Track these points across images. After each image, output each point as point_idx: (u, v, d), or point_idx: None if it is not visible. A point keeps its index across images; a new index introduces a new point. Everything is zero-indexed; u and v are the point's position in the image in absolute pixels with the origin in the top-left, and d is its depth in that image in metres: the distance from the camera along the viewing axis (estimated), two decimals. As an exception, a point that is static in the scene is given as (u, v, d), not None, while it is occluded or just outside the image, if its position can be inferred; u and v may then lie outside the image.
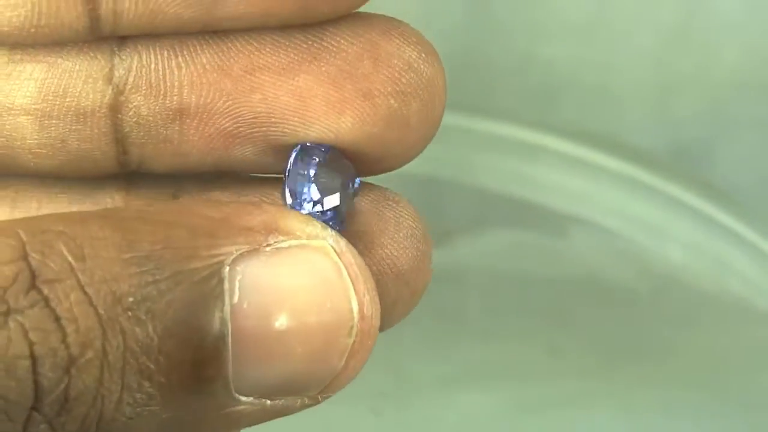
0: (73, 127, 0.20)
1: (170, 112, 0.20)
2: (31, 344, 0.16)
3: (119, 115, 0.20)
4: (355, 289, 0.18)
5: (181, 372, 0.17)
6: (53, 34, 0.19)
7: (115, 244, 0.17)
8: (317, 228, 0.18)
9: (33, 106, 0.20)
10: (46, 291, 0.16)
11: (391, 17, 0.20)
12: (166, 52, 0.19)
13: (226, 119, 0.20)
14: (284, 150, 0.20)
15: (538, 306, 0.45)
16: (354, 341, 0.18)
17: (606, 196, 0.47)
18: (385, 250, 0.20)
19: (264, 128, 0.20)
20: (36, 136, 0.20)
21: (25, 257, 0.16)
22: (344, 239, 0.18)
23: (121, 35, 0.19)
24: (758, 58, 0.49)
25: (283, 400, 0.18)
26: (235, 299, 0.17)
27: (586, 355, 0.43)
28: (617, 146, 0.48)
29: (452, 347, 0.39)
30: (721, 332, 0.44)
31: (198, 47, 0.19)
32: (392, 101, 0.19)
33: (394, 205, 0.20)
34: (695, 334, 0.45)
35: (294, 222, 0.18)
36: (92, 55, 0.20)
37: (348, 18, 0.19)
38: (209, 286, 0.17)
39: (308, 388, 0.18)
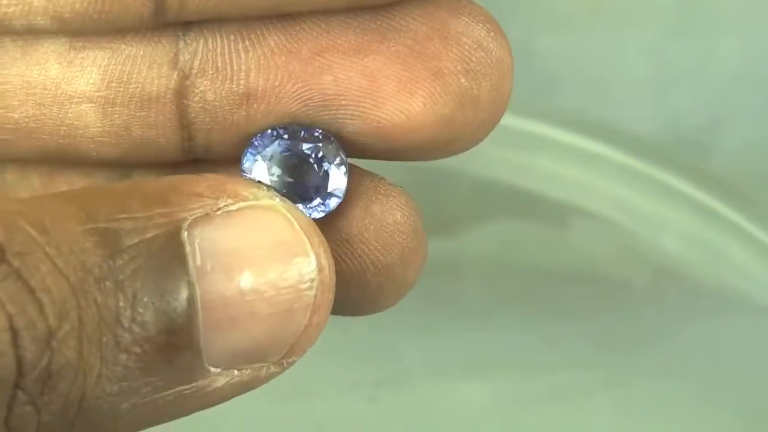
0: (138, 114, 0.20)
1: (237, 97, 0.19)
2: (9, 316, 0.16)
3: (185, 101, 0.20)
4: (310, 242, 0.18)
5: (155, 342, 0.17)
6: (117, 21, 0.19)
7: (74, 215, 0.17)
8: (263, 190, 0.18)
9: (96, 94, 0.20)
10: (16, 263, 0.16)
11: None
12: (232, 36, 0.19)
13: (295, 102, 0.19)
14: (352, 134, 0.20)
15: (535, 296, 0.45)
16: (316, 295, 0.18)
17: (605, 186, 0.47)
18: (368, 246, 0.20)
19: (333, 110, 0.19)
20: (99, 124, 0.20)
21: None
22: (286, 199, 0.18)
23: (185, 21, 0.19)
24: (757, 49, 0.49)
25: (249, 370, 0.18)
26: (198, 262, 0.17)
27: (583, 346, 0.43)
28: (616, 136, 0.47)
29: (449, 336, 0.39)
30: (719, 324, 0.44)
31: (265, 30, 0.19)
32: (463, 80, 0.19)
33: (384, 198, 0.20)
34: (693, 325, 0.44)
35: (240, 186, 0.18)
36: (156, 40, 0.19)
37: None
38: (171, 251, 0.17)
39: (275, 351, 0.18)
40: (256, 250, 0.17)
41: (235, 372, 0.18)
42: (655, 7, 0.49)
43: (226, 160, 0.20)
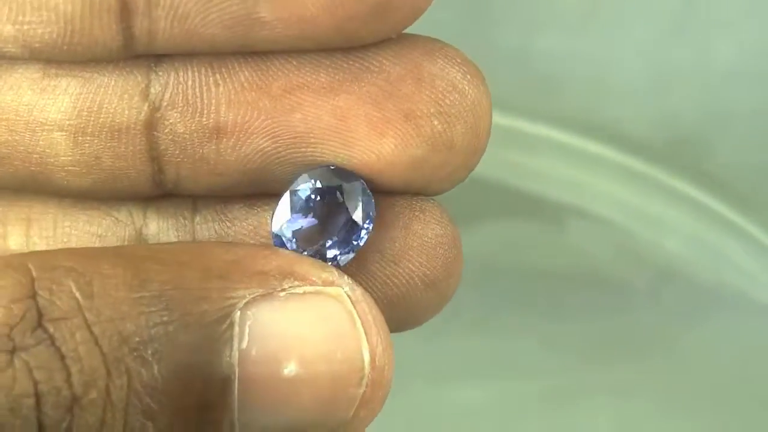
0: (108, 144, 0.19)
1: (207, 131, 0.19)
2: (35, 383, 0.16)
3: (155, 133, 0.19)
4: (368, 339, 0.17)
5: (186, 414, 0.16)
6: (87, 52, 0.19)
7: (125, 282, 0.16)
8: (333, 275, 0.18)
9: (67, 122, 0.19)
10: (51, 329, 0.16)
11: (435, 38, 0.19)
12: (203, 69, 0.19)
13: (264, 139, 0.19)
14: None
15: (534, 297, 0.44)
16: (365, 391, 0.17)
17: (603, 187, 0.47)
18: (414, 263, 0.20)
19: (303, 149, 0.19)
20: (70, 153, 0.19)
21: (33, 295, 0.16)
22: (361, 288, 0.18)
23: (156, 54, 0.19)
24: (754, 49, 0.49)
25: None
26: (244, 344, 0.17)
27: (582, 348, 0.43)
28: (614, 137, 0.47)
29: (446, 339, 0.39)
30: (719, 324, 0.44)
31: (236, 65, 0.19)
32: (436, 123, 0.19)
33: (420, 214, 0.20)
34: (692, 326, 0.44)
35: (310, 268, 0.18)
36: (128, 70, 0.19)
37: (390, 38, 0.19)
38: (218, 330, 0.17)
39: None
40: (308, 340, 0.17)
41: None
42: (653, 7, 0.49)
43: (198, 194, 0.20)
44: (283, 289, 0.17)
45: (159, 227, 0.20)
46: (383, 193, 0.20)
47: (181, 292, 0.17)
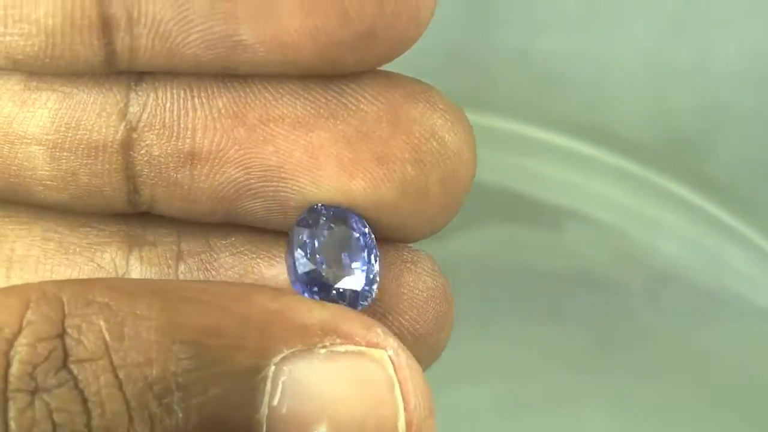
0: (85, 161, 0.19)
1: (182, 155, 0.19)
2: (54, 426, 0.15)
3: (131, 153, 0.19)
4: (405, 408, 0.17)
5: None
6: (68, 66, 0.19)
7: (159, 327, 0.16)
8: (379, 336, 0.17)
9: (45, 137, 0.19)
10: (76, 371, 0.16)
11: (420, 81, 0.19)
12: (182, 92, 0.19)
13: (237, 169, 0.19)
14: (296, 209, 0.19)
15: (530, 300, 0.44)
16: None
17: (601, 189, 0.47)
18: (405, 317, 0.19)
19: (275, 183, 0.19)
20: (47, 168, 0.19)
21: (61, 334, 0.16)
22: (407, 352, 0.17)
23: (139, 71, 0.19)
24: (754, 50, 0.49)
25: None
26: (275, 401, 0.16)
27: (579, 351, 0.43)
28: (613, 140, 0.47)
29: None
30: (717, 328, 0.44)
31: (216, 90, 0.19)
32: (409, 169, 0.18)
33: (411, 266, 0.20)
34: (690, 329, 0.44)
35: (355, 326, 0.17)
36: (108, 87, 0.19)
37: (373, 76, 0.19)
38: (250, 384, 0.16)
39: None
40: (342, 404, 0.16)
41: None
42: (653, 8, 0.49)
43: (177, 218, 0.20)
44: (324, 346, 0.16)
45: (142, 275, 0.20)
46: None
47: (216, 340, 0.16)
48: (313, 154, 0.18)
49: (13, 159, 0.19)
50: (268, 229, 0.20)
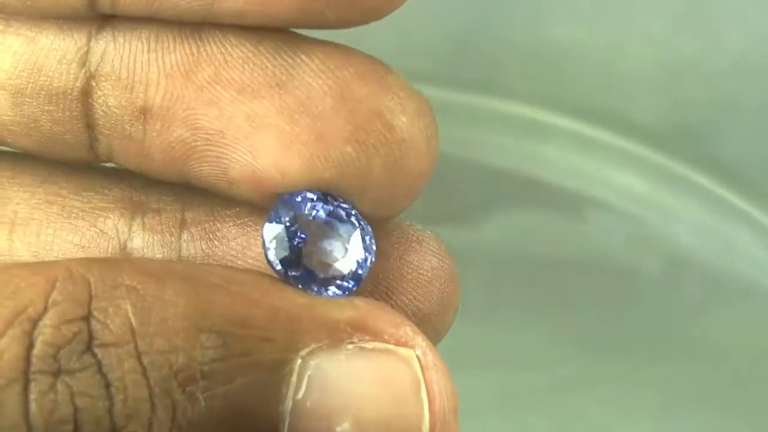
0: (46, 108, 0.19)
1: (135, 109, 0.19)
2: (75, 410, 0.15)
3: (90, 101, 0.19)
4: (430, 409, 0.17)
5: None
6: (51, 7, 0.18)
7: (186, 314, 0.16)
8: (408, 334, 0.17)
9: (8, 81, 0.19)
10: (100, 355, 0.15)
11: (380, 61, 0.18)
12: (140, 44, 0.19)
13: (185, 129, 0.18)
14: (237, 180, 0.18)
15: (544, 287, 0.44)
16: None
17: (613, 175, 0.47)
18: (408, 296, 0.19)
19: (217, 148, 0.18)
20: (10, 113, 0.19)
21: (86, 317, 0.16)
22: (434, 352, 0.17)
23: (120, 15, 0.19)
24: (764, 39, 0.49)
25: None
26: (300, 395, 0.16)
27: (592, 337, 0.43)
28: (624, 126, 0.47)
29: (456, 328, 0.39)
30: (731, 312, 0.44)
31: (172, 45, 0.18)
32: (348, 149, 0.17)
33: (417, 246, 0.19)
34: (703, 314, 0.44)
35: (385, 324, 0.17)
36: (71, 34, 0.19)
37: (328, 49, 0.18)
38: (276, 377, 0.16)
39: None
40: (367, 401, 0.16)
41: None
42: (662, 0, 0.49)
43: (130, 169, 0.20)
44: (352, 342, 0.16)
45: (144, 242, 0.20)
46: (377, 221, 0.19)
47: (244, 331, 0.16)
48: (253, 122, 0.18)
49: None
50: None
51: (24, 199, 0.20)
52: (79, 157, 0.20)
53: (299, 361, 0.16)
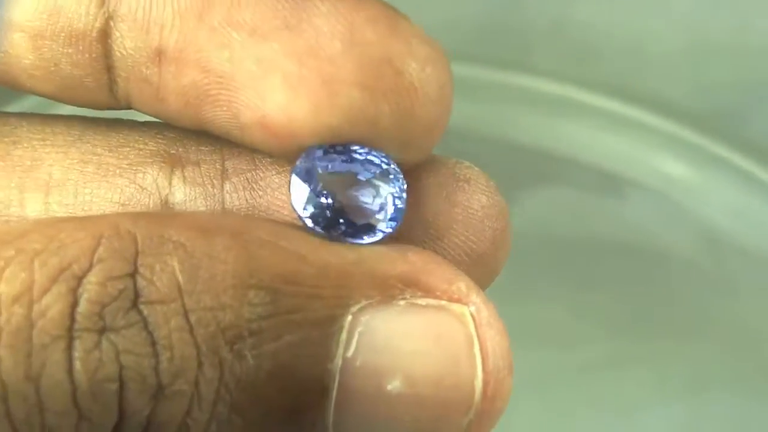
0: (65, 50, 0.19)
1: (151, 51, 0.18)
2: (121, 368, 0.15)
3: (109, 42, 0.19)
4: (483, 367, 0.16)
5: (278, 415, 0.16)
6: None
7: (234, 271, 0.16)
8: (462, 290, 0.16)
9: (28, 24, 0.19)
10: (146, 312, 0.15)
11: (393, 7, 0.18)
12: None
13: (197, 72, 0.18)
14: (248, 126, 0.18)
15: (574, 266, 0.44)
16: (471, 421, 0.16)
17: (647, 155, 0.47)
18: (459, 238, 0.19)
19: (229, 92, 0.18)
20: (30, 56, 0.19)
21: (133, 273, 0.15)
22: (490, 308, 0.16)
23: None
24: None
25: None
26: (350, 353, 0.16)
27: (622, 317, 0.42)
28: (657, 105, 0.47)
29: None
30: (764, 294, 0.44)
31: None
32: (355, 93, 0.17)
33: (465, 185, 0.19)
34: (736, 296, 0.44)
35: (438, 280, 0.16)
36: None
37: None
38: (325, 334, 0.16)
39: None
40: (418, 359, 0.16)
41: None
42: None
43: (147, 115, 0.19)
44: (404, 298, 0.16)
45: (186, 195, 0.19)
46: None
47: (293, 288, 0.16)
48: (263, 65, 0.17)
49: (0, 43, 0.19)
50: None
51: (57, 160, 0.20)
52: (100, 101, 0.19)
53: (349, 317, 0.16)
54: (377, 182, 0.18)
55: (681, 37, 0.49)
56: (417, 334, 0.16)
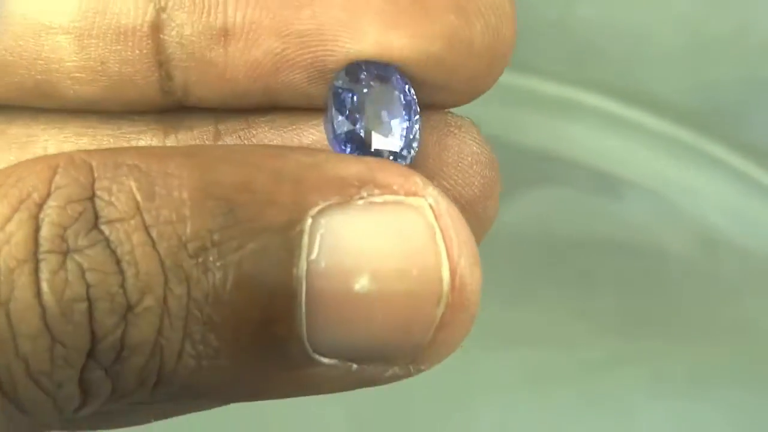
0: (114, 48, 0.19)
1: (215, 32, 0.18)
2: (88, 286, 0.15)
3: (161, 35, 0.19)
4: (448, 256, 0.16)
5: (250, 328, 0.16)
6: None
7: (190, 184, 0.16)
8: (418, 185, 0.16)
9: (72, 24, 0.19)
10: (107, 231, 0.15)
11: None
12: None
13: (273, 39, 0.18)
14: (332, 73, 0.18)
15: (572, 266, 0.44)
16: (444, 313, 0.16)
17: (645, 155, 0.47)
18: (449, 181, 0.19)
19: (313, 47, 0.18)
20: (75, 58, 0.19)
21: (91, 197, 0.15)
22: (447, 199, 0.16)
23: None
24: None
25: (371, 366, 0.16)
26: (314, 255, 0.16)
27: (621, 317, 0.43)
28: (656, 105, 0.47)
29: (484, 307, 0.39)
30: (760, 294, 0.44)
31: None
32: (452, 17, 0.17)
33: (456, 131, 0.19)
34: (733, 295, 0.44)
35: (393, 176, 0.16)
36: None
37: None
38: (287, 238, 0.16)
39: (395, 357, 0.17)
40: (383, 254, 0.16)
41: (354, 366, 0.16)
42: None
43: (207, 104, 0.19)
44: (361, 197, 0.16)
45: None
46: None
47: (249, 196, 0.16)
48: (351, 10, 0.18)
49: (39, 52, 0.19)
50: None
51: (52, 135, 0.20)
52: (148, 99, 0.19)
53: (309, 221, 0.16)
54: (401, 111, 0.18)
55: (682, 35, 0.49)
56: (378, 231, 0.16)
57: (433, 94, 0.19)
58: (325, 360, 0.16)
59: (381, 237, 0.16)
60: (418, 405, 0.39)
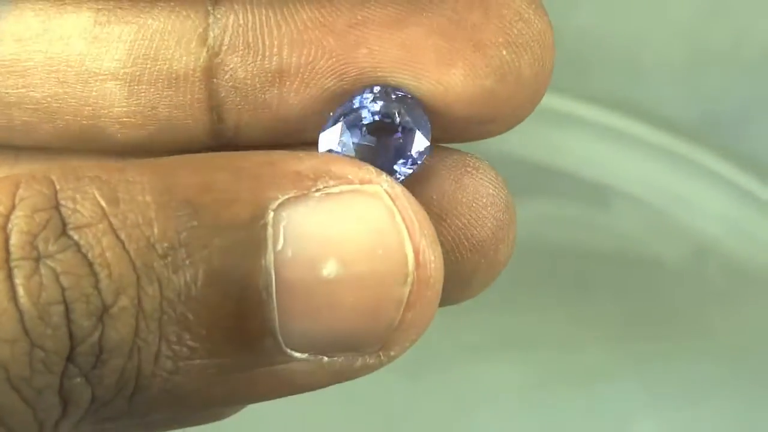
0: (165, 93, 0.19)
1: (269, 74, 0.19)
2: (63, 289, 0.15)
3: (214, 80, 0.19)
4: (410, 235, 0.17)
5: (224, 324, 0.16)
6: None
7: (152, 188, 0.16)
8: (371, 173, 0.17)
9: (122, 71, 0.19)
10: (76, 237, 0.16)
11: None
12: (264, 10, 0.18)
13: (330, 78, 0.18)
14: None
15: (567, 276, 0.44)
16: (410, 291, 0.17)
17: (640, 166, 0.47)
18: (462, 220, 0.19)
19: (370, 85, 0.18)
20: (125, 103, 0.19)
21: (56, 206, 0.16)
22: (400, 185, 0.17)
23: None
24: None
25: (341, 358, 0.17)
26: (279, 246, 0.16)
27: (614, 326, 0.43)
28: (650, 116, 0.47)
29: (481, 316, 0.39)
30: (754, 305, 0.44)
31: (298, 4, 0.18)
32: (504, 52, 0.18)
33: (473, 171, 0.19)
34: (727, 306, 0.44)
35: (346, 166, 0.17)
36: (185, 14, 0.19)
37: None
38: (251, 232, 0.16)
39: (365, 343, 0.17)
40: (346, 239, 0.16)
41: (324, 359, 0.17)
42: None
43: (259, 144, 0.19)
44: (318, 189, 0.16)
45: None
46: (438, 143, 0.19)
47: (211, 195, 0.16)
48: (408, 49, 0.18)
49: (87, 98, 0.19)
50: None
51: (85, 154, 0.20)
52: (197, 141, 0.19)
53: (271, 214, 0.16)
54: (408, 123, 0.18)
55: (678, 46, 0.49)
56: (339, 217, 0.16)
57: (481, 127, 0.19)
58: (297, 354, 0.16)
59: (343, 222, 0.16)
60: (417, 411, 0.39)
